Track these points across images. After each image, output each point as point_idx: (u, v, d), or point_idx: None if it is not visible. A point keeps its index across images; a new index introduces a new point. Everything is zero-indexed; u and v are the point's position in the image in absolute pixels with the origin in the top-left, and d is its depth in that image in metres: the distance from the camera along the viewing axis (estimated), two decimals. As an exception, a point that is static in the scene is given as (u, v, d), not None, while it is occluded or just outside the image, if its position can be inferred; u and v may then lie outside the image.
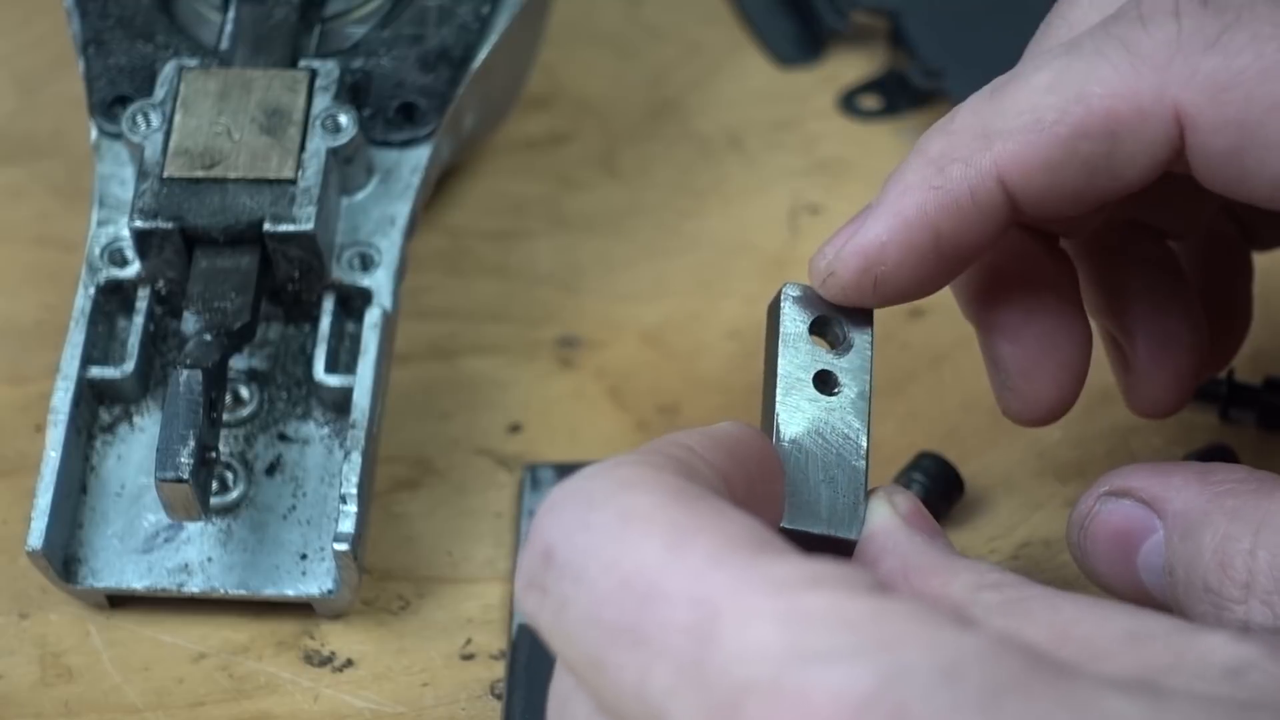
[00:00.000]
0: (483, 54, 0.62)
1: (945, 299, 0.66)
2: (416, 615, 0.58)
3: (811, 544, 0.45)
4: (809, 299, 0.48)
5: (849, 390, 0.47)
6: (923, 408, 0.63)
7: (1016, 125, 0.46)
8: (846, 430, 0.47)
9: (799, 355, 0.47)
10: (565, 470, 0.60)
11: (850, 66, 0.74)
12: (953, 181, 0.47)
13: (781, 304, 0.48)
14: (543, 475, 0.60)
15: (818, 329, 0.48)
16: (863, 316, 0.48)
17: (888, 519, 0.46)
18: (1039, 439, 0.61)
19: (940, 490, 0.58)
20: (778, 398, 0.47)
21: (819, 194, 0.69)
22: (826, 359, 0.47)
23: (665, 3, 0.76)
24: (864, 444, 0.47)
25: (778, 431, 0.46)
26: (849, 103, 0.73)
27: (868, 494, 0.46)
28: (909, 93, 0.73)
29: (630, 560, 0.38)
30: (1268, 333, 0.64)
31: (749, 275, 0.67)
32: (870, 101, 0.73)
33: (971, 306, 0.53)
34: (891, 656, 0.35)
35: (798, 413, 0.47)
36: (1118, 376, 0.54)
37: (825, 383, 0.47)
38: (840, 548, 0.45)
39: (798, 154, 0.71)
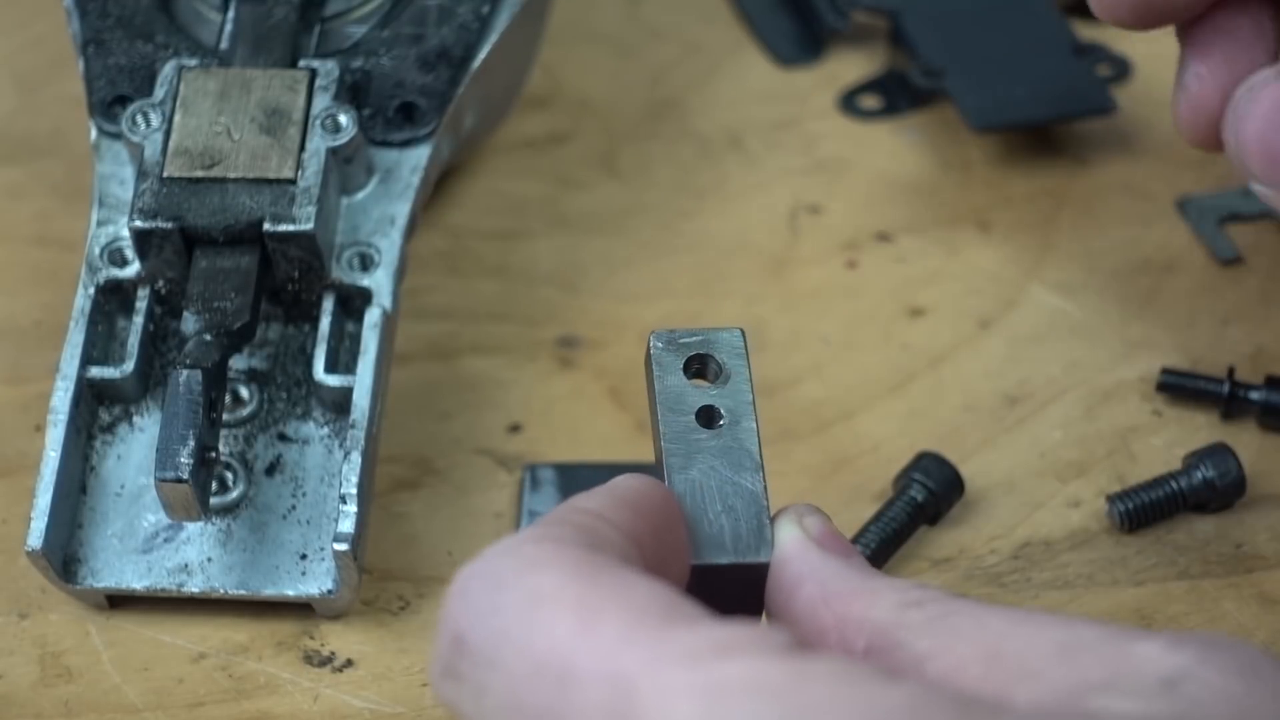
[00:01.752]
0: (483, 54, 0.62)
1: (946, 299, 0.66)
2: (416, 615, 0.58)
3: (727, 577, 0.45)
4: (678, 343, 0.48)
5: (733, 420, 0.47)
6: (923, 408, 0.63)
7: None
8: (738, 459, 0.47)
9: (675, 399, 0.48)
10: (565, 470, 0.60)
11: (850, 66, 0.74)
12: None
13: (651, 353, 0.48)
14: (543, 475, 0.60)
15: (693, 369, 0.48)
16: (735, 344, 0.48)
17: (798, 542, 0.44)
18: (1039, 439, 0.62)
19: (940, 490, 0.58)
20: (664, 444, 0.47)
21: (819, 194, 0.70)
22: (708, 395, 0.48)
23: (665, 3, 0.76)
24: (758, 468, 0.46)
25: (669, 476, 0.46)
26: (849, 102, 0.73)
27: (771, 516, 0.46)
28: (909, 93, 0.73)
29: (542, 642, 0.37)
30: (1268, 332, 0.64)
31: (749, 275, 0.67)
32: (870, 101, 0.73)
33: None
34: None
35: (685, 454, 0.47)
36: None
37: (710, 418, 0.47)
38: (754, 574, 0.45)
39: (798, 154, 0.71)
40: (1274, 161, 0.53)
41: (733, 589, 0.45)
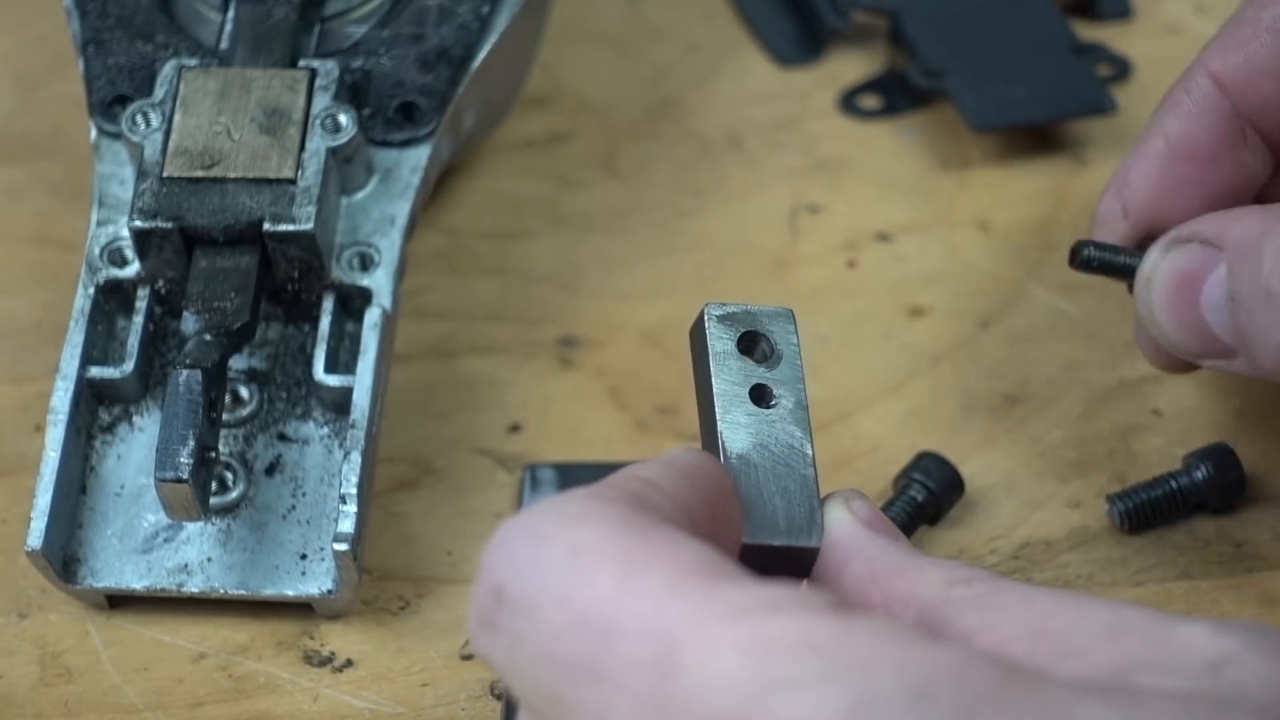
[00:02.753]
0: (483, 54, 0.62)
1: (946, 300, 0.66)
2: (416, 615, 0.58)
3: (776, 558, 0.45)
4: (732, 317, 0.48)
5: (785, 401, 0.47)
6: (923, 408, 0.63)
7: (1218, 32, 0.54)
8: (790, 440, 0.46)
9: (731, 372, 0.47)
10: (565, 470, 0.60)
11: (850, 66, 0.74)
12: (1172, 92, 0.55)
13: (706, 324, 0.48)
14: (543, 475, 0.60)
15: (744, 346, 0.48)
16: (787, 325, 0.48)
17: (848, 524, 0.45)
18: (1039, 439, 0.62)
19: (940, 490, 0.58)
20: (718, 417, 0.46)
21: (819, 194, 0.69)
22: (759, 373, 0.47)
23: (665, 2, 0.76)
24: (809, 452, 0.46)
25: (725, 450, 0.46)
26: (849, 102, 0.73)
27: (822, 501, 0.46)
28: (909, 93, 0.73)
29: (584, 595, 0.37)
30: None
31: (749, 275, 0.67)
32: (870, 101, 0.73)
33: None
34: (860, 679, 0.34)
35: (740, 429, 0.46)
36: None
37: (761, 397, 0.47)
38: (804, 557, 0.45)
39: (798, 154, 0.71)
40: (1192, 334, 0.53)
41: (779, 570, 0.45)
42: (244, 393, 0.59)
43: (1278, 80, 0.54)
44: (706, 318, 0.48)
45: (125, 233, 0.59)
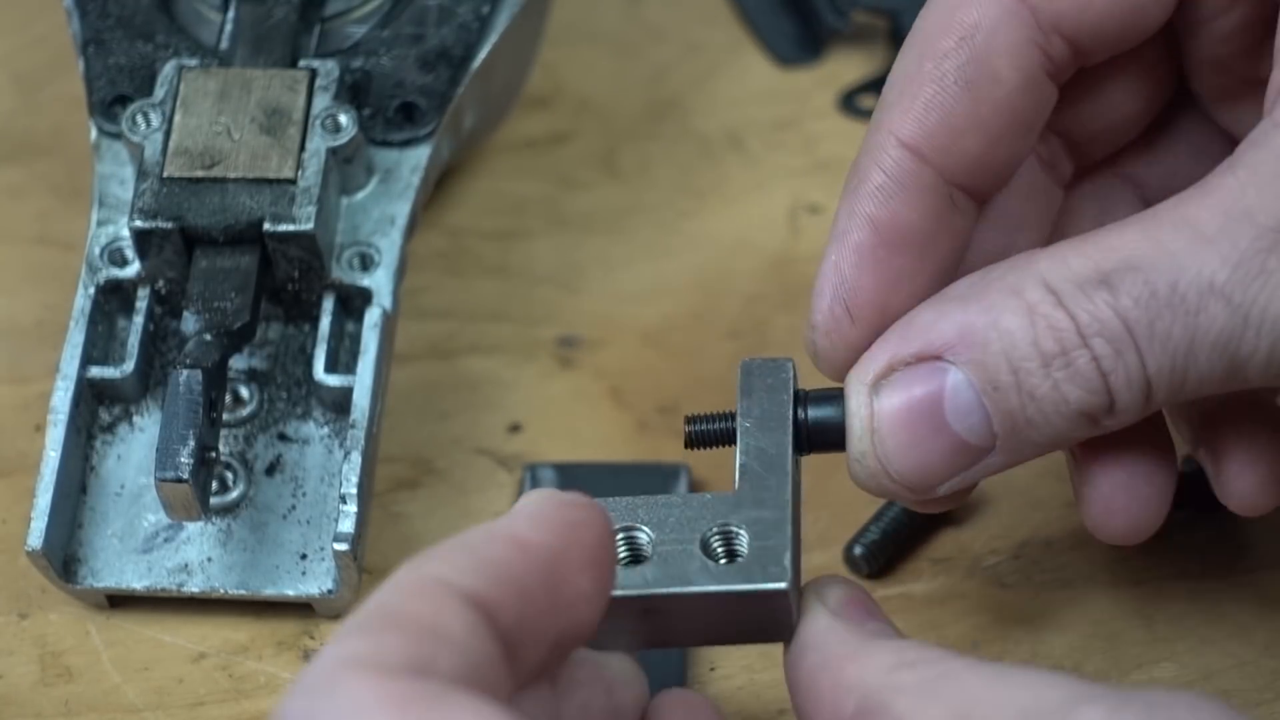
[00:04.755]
0: (483, 54, 0.62)
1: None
2: (416, 615, 0.58)
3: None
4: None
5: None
6: (923, 408, 0.63)
7: (894, 95, 0.49)
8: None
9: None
10: (565, 470, 0.60)
11: (850, 66, 0.74)
12: (862, 169, 0.49)
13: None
14: (543, 475, 0.60)
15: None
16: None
17: (814, 618, 0.46)
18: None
19: (940, 490, 0.58)
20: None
21: (819, 194, 0.69)
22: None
23: (665, 3, 0.76)
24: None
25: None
26: (849, 102, 0.73)
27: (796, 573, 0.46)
28: (909, 92, 0.72)
29: None
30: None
31: (749, 275, 0.67)
32: (870, 101, 0.73)
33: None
34: None
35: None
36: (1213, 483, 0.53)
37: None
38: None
39: (798, 154, 0.71)
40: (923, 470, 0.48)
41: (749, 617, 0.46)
42: (244, 393, 0.59)
43: (982, 134, 0.48)
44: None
45: (125, 233, 0.59)
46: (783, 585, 0.45)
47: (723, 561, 0.46)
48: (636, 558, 0.46)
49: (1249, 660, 0.56)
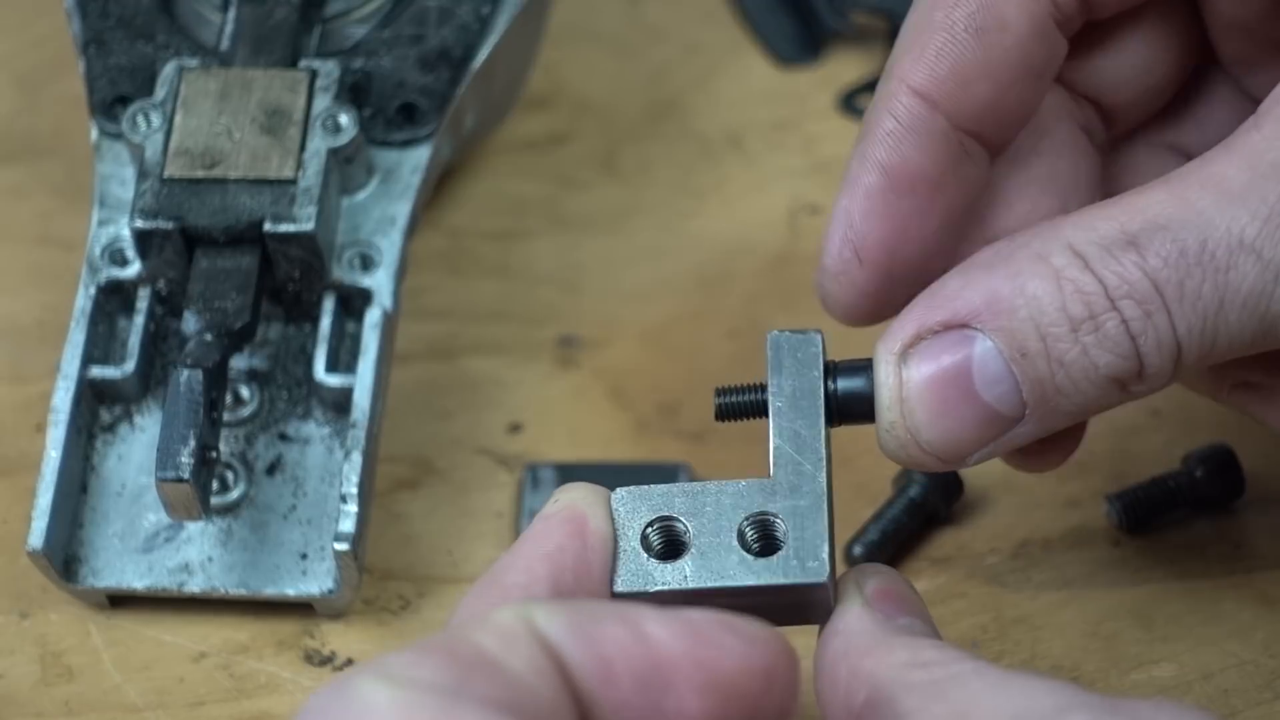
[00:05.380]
0: (483, 54, 0.62)
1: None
2: (417, 615, 0.58)
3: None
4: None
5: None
6: (923, 407, 0.63)
7: (905, 44, 0.49)
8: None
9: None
10: (565, 470, 0.60)
11: (850, 66, 0.74)
12: (875, 117, 0.49)
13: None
14: (543, 475, 0.60)
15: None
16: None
17: (850, 606, 0.46)
18: (1039, 439, 0.62)
19: (940, 490, 0.59)
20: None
21: (819, 194, 0.70)
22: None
23: (665, 3, 0.76)
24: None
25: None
26: (849, 103, 0.73)
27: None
28: (909, 93, 0.73)
29: None
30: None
31: (749, 275, 0.67)
32: (870, 101, 0.73)
33: None
34: None
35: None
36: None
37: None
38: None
39: (798, 154, 0.71)
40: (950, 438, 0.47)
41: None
42: (245, 392, 0.59)
43: (991, 81, 0.49)
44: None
45: (126, 233, 0.59)
46: (822, 580, 0.45)
47: (760, 551, 0.46)
48: (674, 549, 0.46)
49: (1248, 660, 0.56)
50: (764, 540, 0.46)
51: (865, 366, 0.48)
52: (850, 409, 0.48)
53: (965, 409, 0.46)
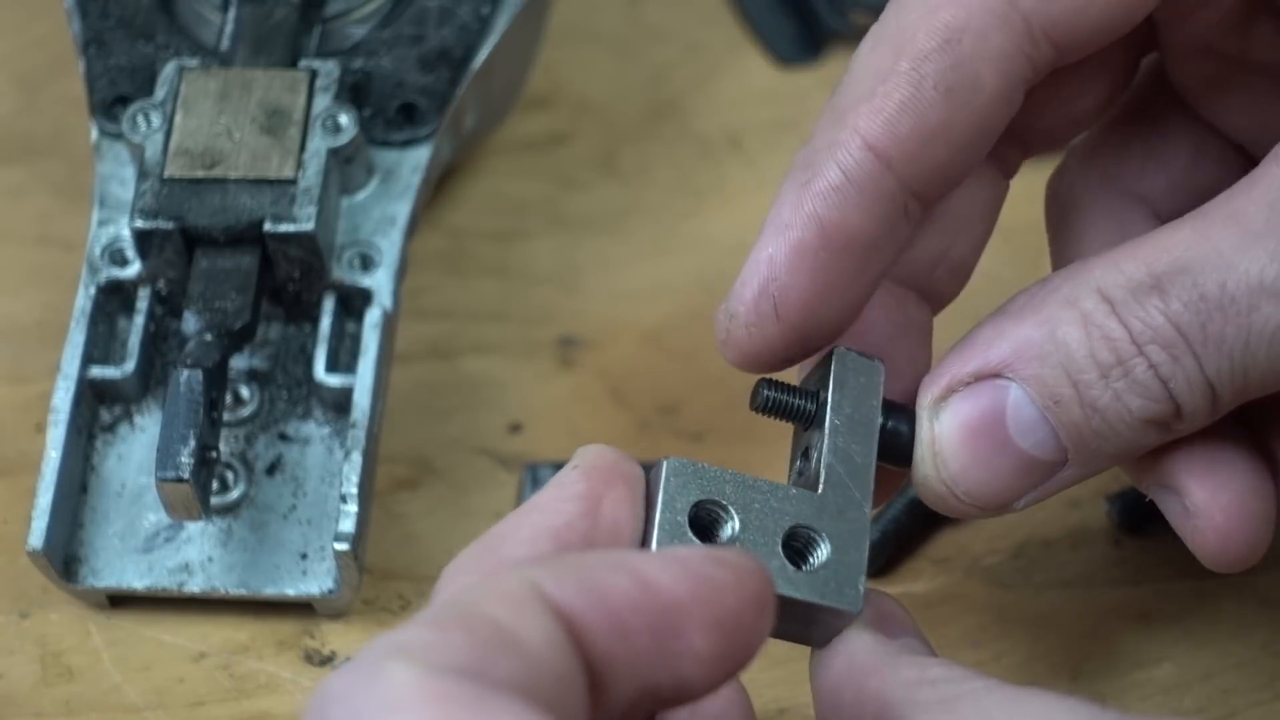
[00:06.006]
0: (483, 54, 0.62)
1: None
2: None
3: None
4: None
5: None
6: (922, 407, 0.63)
7: (862, 91, 0.46)
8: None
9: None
10: (565, 470, 0.60)
11: (850, 66, 0.74)
12: (819, 168, 0.46)
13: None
14: (543, 475, 0.60)
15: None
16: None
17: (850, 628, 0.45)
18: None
19: (940, 490, 0.59)
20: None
21: (819, 194, 0.69)
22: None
23: (665, 3, 0.76)
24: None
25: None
26: (849, 103, 0.73)
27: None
28: (909, 93, 0.72)
29: None
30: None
31: (749, 275, 0.67)
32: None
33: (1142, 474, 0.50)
34: None
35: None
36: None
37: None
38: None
39: (797, 154, 0.71)
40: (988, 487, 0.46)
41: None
42: (245, 393, 0.59)
43: (950, 144, 0.46)
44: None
45: (126, 233, 0.59)
46: (856, 609, 0.45)
47: (796, 563, 0.45)
48: (713, 535, 0.45)
49: (1248, 660, 0.56)
50: (802, 553, 0.45)
51: (909, 411, 0.47)
52: (891, 452, 0.47)
53: (1001, 458, 0.46)
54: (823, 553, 0.45)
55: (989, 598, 0.58)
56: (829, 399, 0.46)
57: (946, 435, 0.46)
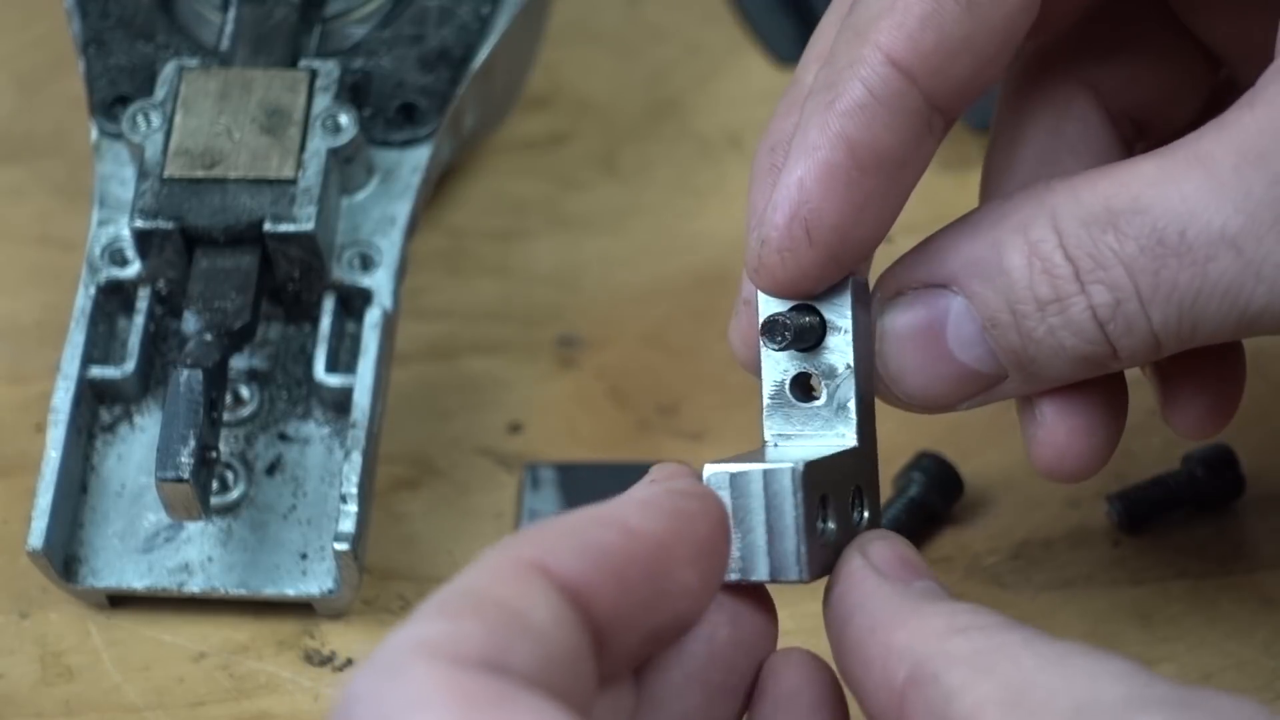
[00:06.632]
0: (483, 54, 0.62)
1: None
2: (417, 615, 0.58)
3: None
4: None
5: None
6: (922, 407, 0.63)
7: (881, 6, 0.45)
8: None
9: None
10: (566, 470, 0.60)
11: (850, 66, 0.74)
12: (843, 86, 0.45)
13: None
14: (543, 475, 0.60)
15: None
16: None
17: (855, 573, 0.43)
18: (1039, 439, 0.61)
19: (940, 490, 0.59)
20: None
21: (819, 194, 0.69)
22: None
23: (665, 3, 0.76)
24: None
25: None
26: (849, 103, 0.73)
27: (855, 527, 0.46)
28: (909, 93, 0.72)
29: None
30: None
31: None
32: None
33: None
34: None
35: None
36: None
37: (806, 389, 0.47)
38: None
39: (798, 154, 0.71)
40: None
41: None
42: (245, 392, 0.59)
43: (974, 56, 0.45)
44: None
45: (126, 233, 0.59)
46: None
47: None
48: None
49: (1248, 660, 0.56)
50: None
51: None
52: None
53: (940, 367, 0.46)
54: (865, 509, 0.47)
55: (989, 598, 0.58)
56: (850, 329, 0.46)
57: (890, 336, 0.47)
